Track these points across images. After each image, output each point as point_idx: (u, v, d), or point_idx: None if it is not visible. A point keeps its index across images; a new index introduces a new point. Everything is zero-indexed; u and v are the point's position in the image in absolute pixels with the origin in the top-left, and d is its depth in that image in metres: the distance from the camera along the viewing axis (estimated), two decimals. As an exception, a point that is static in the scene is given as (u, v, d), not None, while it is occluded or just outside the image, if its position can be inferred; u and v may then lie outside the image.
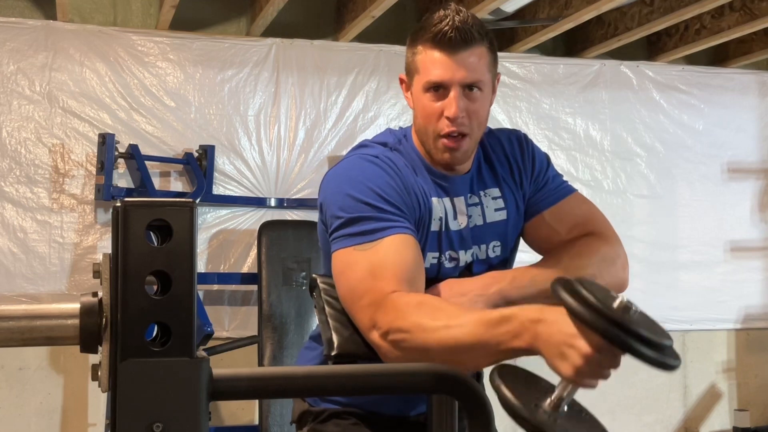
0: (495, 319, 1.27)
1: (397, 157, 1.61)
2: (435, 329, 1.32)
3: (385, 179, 1.54)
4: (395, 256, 1.44)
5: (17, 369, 3.46)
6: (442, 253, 1.60)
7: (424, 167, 1.64)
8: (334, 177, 1.59)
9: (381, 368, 1.02)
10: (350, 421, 1.70)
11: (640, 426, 4.20)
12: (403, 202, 1.54)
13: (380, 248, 1.44)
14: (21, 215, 3.44)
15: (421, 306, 1.37)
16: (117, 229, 0.77)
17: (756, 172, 4.39)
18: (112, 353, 0.77)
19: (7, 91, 3.46)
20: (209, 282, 3.54)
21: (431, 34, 1.54)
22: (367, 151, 1.62)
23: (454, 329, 1.30)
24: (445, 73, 1.55)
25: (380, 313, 1.37)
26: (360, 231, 1.47)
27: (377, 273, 1.41)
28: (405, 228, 1.49)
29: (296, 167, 3.75)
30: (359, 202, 1.50)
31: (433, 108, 1.57)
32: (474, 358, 1.30)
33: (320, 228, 1.62)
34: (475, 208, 1.65)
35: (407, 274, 1.43)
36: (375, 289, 1.39)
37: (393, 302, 1.37)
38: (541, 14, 3.69)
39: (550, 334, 1.18)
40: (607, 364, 1.15)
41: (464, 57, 1.54)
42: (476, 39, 1.55)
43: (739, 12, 3.63)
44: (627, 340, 1.06)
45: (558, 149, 4.08)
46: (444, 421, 1.30)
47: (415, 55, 1.59)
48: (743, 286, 4.30)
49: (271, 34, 3.73)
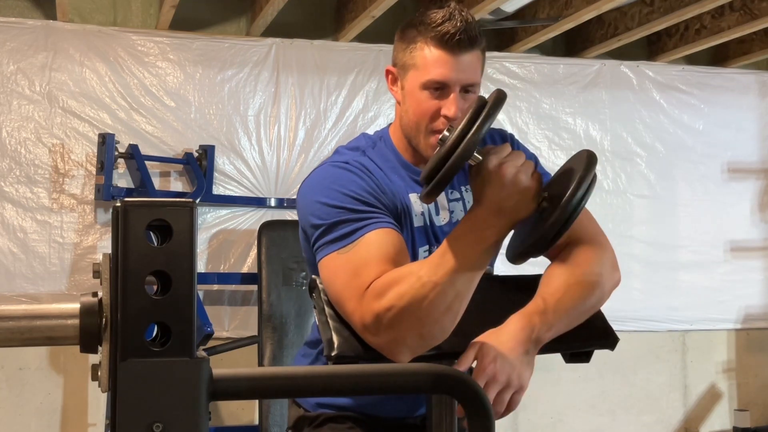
0: (450, 242, 1.33)
1: (369, 160, 1.62)
2: (410, 288, 1.33)
3: (357, 182, 1.55)
4: (376, 250, 1.44)
5: (17, 369, 3.46)
6: (432, 247, 1.61)
7: (401, 165, 1.64)
8: (307, 188, 1.61)
9: (381, 368, 1.02)
10: (346, 425, 1.70)
11: (640, 426, 4.20)
12: (378, 201, 1.54)
13: (360, 247, 1.44)
14: (21, 215, 3.44)
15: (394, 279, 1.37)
16: (117, 229, 0.77)
17: (756, 172, 4.39)
18: (112, 353, 0.77)
19: (7, 91, 3.46)
20: (209, 282, 3.54)
21: (436, 33, 1.54)
22: (338, 157, 1.64)
23: (425, 278, 1.32)
24: (448, 74, 1.55)
25: (365, 308, 1.36)
26: (339, 235, 1.47)
27: (360, 271, 1.41)
28: (384, 222, 1.49)
29: (296, 167, 3.75)
30: (334, 207, 1.50)
31: (429, 105, 1.58)
32: (457, 288, 1.32)
33: (302, 238, 1.62)
34: (457, 204, 1.66)
35: (389, 261, 1.42)
36: (358, 287, 1.39)
37: (371, 291, 1.37)
38: (541, 14, 3.69)
39: (490, 212, 1.30)
40: (499, 149, 1.32)
41: (466, 59, 1.55)
42: (478, 41, 1.57)
43: (739, 12, 3.63)
44: (471, 138, 1.24)
45: (558, 149, 4.08)
46: (444, 421, 1.30)
47: (413, 50, 1.58)
48: (743, 286, 4.30)
49: (271, 34, 3.73)
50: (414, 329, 1.33)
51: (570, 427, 4.10)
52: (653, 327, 4.13)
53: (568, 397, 4.09)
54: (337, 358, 1.40)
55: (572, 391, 4.08)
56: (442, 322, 1.33)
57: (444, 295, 1.30)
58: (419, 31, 1.57)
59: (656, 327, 4.15)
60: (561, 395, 4.07)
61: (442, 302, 1.31)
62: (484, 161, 1.29)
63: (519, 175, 1.27)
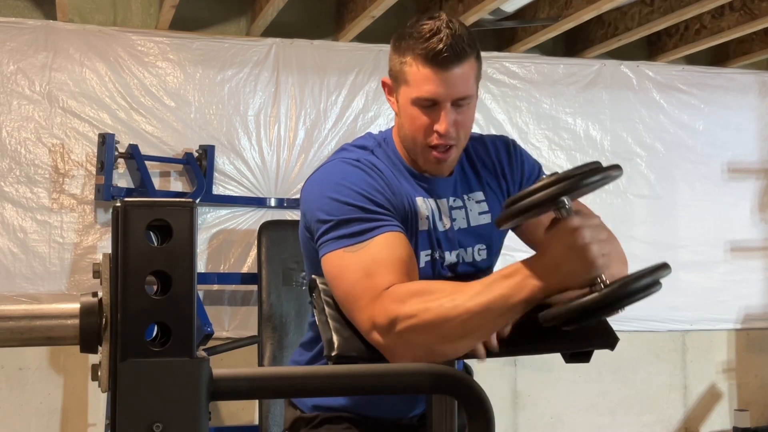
0: (496, 278, 1.29)
1: (378, 160, 1.61)
2: (440, 306, 1.30)
3: (369, 181, 1.53)
4: (388, 253, 1.42)
5: (17, 369, 3.46)
6: (434, 252, 1.61)
7: (406, 170, 1.64)
8: (316, 182, 1.58)
9: (381, 368, 1.02)
10: (343, 425, 1.70)
11: (640, 426, 4.20)
12: (389, 202, 1.53)
13: (372, 247, 1.43)
14: (21, 215, 3.44)
15: (420, 291, 1.35)
16: (117, 229, 0.77)
17: (756, 172, 4.39)
18: (112, 353, 0.77)
19: (7, 91, 3.46)
20: (209, 282, 3.54)
21: (422, 50, 1.52)
22: (347, 154, 1.62)
23: (459, 300, 1.29)
24: (436, 91, 1.53)
25: (379, 308, 1.35)
26: (349, 233, 1.46)
27: (372, 272, 1.40)
28: (395, 226, 1.48)
29: (296, 167, 3.75)
30: (345, 204, 1.48)
31: (422, 121, 1.57)
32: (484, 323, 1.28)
33: (302, 235, 1.60)
34: (460, 212, 1.65)
35: (403, 268, 1.41)
36: (372, 287, 1.38)
37: (391, 294, 1.36)
38: (541, 14, 3.69)
39: (546, 266, 1.24)
40: (588, 216, 1.26)
41: (456, 73, 1.53)
42: (467, 53, 1.54)
43: (739, 12, 3.63)
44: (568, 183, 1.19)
45: (558, 149, 4.08)
46: (444, 421, 1.30)
47: (403, 65, 1.57)
48: (743, 286, 4.30)
49: (271, 34, 3.73)
50: (428, 344, 1.31)
51: (570, 427, 4.10)
52: (653, 327, 4.13)
53: (568, 397, 4.09)
54: (338, 358, 1.40)
55: (572, 391, 4.08)
56: (457, 346, 1.32)
57: (470, 323, 1.28)
58: (410, 46, 1.55)
59: (656, 327, 4.15)
60: (561, 395, 4.07)
61: (465, 329, 1.29)
62: (568, 217, 1.24)
63: (591, 245, 1.21)
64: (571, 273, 1.23)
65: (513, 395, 4.02)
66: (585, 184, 1.20)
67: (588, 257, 1.21)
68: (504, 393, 3.99)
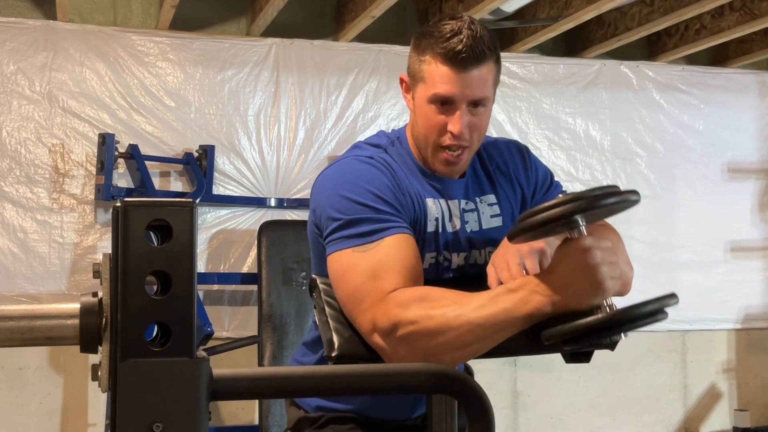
0: (502, 291, 1.29)
1: (391, 158, 1.60)
2: (443, 315, 1.29)
3: (381, 180, 1.53)
4: (396, 255, 1.42)
5: (17, 369, 3.46)
6: (440, 254, 1.60)
7: (418, 169, 1.63)
8: (328, 179, 1.57)
9: (381, 368, 1.02)
10: (348, 426, 1.70)
11: (640, 426, 4.20)
12: (399, 202, 1.53)
13: (381, 249, 1.43)
14: (21, 215, 3.44)
15: (424, 297, 1.35)
16: (117, 229, 0.77)
17: (756, 172, 4.39)
18: (112, 353, 0.77)
19: (7, 91, 3.46)
20: (209, 282, 3.54)
21: (442, 49, 1.52)
22: (360, 152, 1.61)
23: (462, 311, 1.29)
24: (453, 90, 1.53)
25: (382, 311, 1.34)
26: (358, 233, 1.45)
27: (379, 274, 1.39)
28: (404, 228, 1.48)
29: (296, 167, 3.75)
30: (356, 203, 1.48)
31: (436, 120, 1.57)
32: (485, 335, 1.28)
33: (311, 231, 1.60)
34: (472, 214, 1.64)
35: (409, 272, 1.41)
36: (377, 290, 1.37)
37: (395, 298, 1.35)
38: (541, 14, 3.69)
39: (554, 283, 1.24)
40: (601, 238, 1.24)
41: (474, 75, 1.53)
42: (487, 56, 1.54)
43: (739, 12, 3.63)
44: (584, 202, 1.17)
45: (558, 149, 4.08)
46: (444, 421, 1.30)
47: (422, 63, 1.56)
48: (743, 286, 4.30)
49: (271, 34, 3.73)
50: (428, 351, 1.31)
51: (570, 427, 4.10)
52: (653, 327, 4.12)
53: (568, 397, 4.09)
54: (338, 358, 1.40)
55: (572, 391, 4.08)
56: (456, 356, 1.32)
57: (472, 334, 1.28)
58: (430, 44, 1.55)
59: (656, 327, 4.13)
60: (561, 395, 4.07)
61: (466, 340, 1.29)
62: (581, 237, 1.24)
63: (601, 266, 1.21)
64: (578, 292, 1.22)
65: (513, 395, 4.03)
66: (600, 205, 1.18)
67: (596, 279, 1.21)
68: (504, 393, 4.00)
